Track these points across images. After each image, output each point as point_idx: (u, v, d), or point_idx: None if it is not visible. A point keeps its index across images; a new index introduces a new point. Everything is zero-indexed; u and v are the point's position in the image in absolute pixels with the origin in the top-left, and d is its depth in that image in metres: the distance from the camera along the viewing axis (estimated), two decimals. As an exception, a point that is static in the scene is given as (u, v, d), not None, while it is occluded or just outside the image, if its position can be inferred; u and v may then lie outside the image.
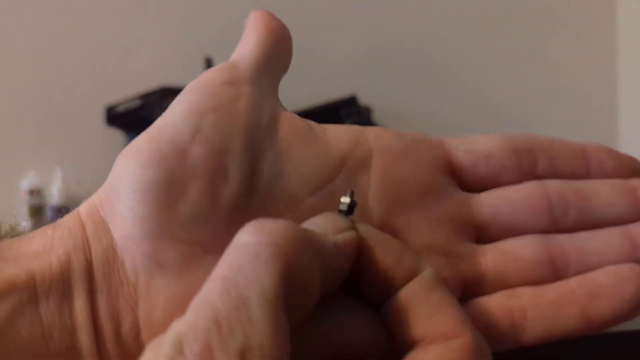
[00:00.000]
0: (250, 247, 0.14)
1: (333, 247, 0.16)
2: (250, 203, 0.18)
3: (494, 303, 0.19)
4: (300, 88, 0.77)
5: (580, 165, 0.21)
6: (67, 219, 0.18)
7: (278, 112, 0.20)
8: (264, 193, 0.18)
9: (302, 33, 0.84)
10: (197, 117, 0.18)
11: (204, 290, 0.14)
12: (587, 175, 0.21)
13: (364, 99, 0.80)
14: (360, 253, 0.17)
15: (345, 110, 0.76)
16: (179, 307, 0.16)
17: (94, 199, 0.18)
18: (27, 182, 0.80)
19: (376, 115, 0.82)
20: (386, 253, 0.17)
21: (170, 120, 0.18)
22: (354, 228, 0.17)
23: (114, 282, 0.17)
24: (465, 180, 0.21)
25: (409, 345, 0.16)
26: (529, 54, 0.91)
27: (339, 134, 0.20)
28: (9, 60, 0.85)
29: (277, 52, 0.21)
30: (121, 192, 0.17)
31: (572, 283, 0.19)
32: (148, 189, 0.17)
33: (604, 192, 0.20)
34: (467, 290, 0.19)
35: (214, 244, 0.17)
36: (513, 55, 0.91)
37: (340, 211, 0.18)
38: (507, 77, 0.91)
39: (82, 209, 0.18)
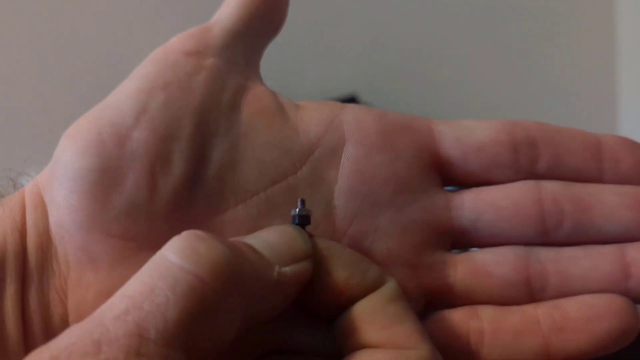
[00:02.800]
0: (170, 270, 0.13)
1: (273, 285, 0.14)
2: (194, 196, 0.16)
3: (454, 320, 0.17)
4: (300, 87, 0.77)
5: (591, 163, 0.18)
6: (11, 198, 0.16)
7: (246, 88, 0.17)
8: (211, 185, 0.16)
9: (301, 32, 0.84)
10: (144, 95, 0.16)
11: (106, 304, 0.12)
12: (598, 175, 0.18)
13: (364, 99, 0.79)
14: (318, 274, 0.15)
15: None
16: None
17: (39, 178, 0.16)
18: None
19: (376, 115, 0.82)
20: (349, 274, 0.15)
21: (117, 99, 0.16)
22: (312, 254, 0.15)
23: (45, 271, 0.16)
24: (453, 175, 0.18)
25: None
26: (529, 53, 0.90)
27: (310, 116, 0.18)
28: (9, 60, 0.85)
29: (264, 14, 0.19)
30: (58, 177, 0.16)
31: (540, 310, 0.17)
32: (82, 178, 0.15)
33: (610, 203, 0.17)
34: (431, 302, 0.17)
35: (150, 239, 0.15)
36: (514, 54, 0.91)
37: (294, 222, 0.16)
38: (508, 77, 0.91)
39: (28, 188, 0.16)
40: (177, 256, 0.13)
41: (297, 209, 0.16)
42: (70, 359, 0.11)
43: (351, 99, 0.78)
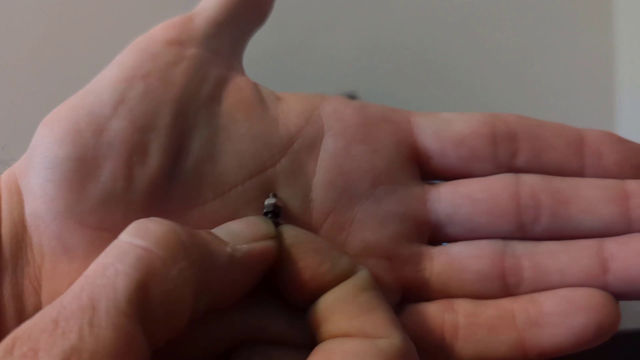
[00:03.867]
0: (121, 247, 0.13)
1: (226, 259, 0.14)
2: (170, 188, 0.16)
3: (429, 313, 0.17)
4: (299, 87, 0.77)
5: (573, 158, 0.18)
6: None
7: (228, 79, 0.17)
8: (189, 177, 0.16)
9: (300, 31, 0.84)
10: (124, 85, 0.16)
11: (70, 288, 0.13)
12: (580, 170, 0.18)
13: (363, 99, 0.79)
14: (286, 261, 0.15)
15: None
16: None
17: (16, 166, 0.16)
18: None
19: (376, 115, 0.82)
20: (318, 258, 0.15)
21: (96, 88, 0.16)
22: (275, 235, 0.15)
23: (20, 261, 0.15)
24: (432, 168, 0.18)
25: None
26: (528, 52, 0.90)
27: (291, 108, 0.17)
28: (9, 60, 0.85)
29: (248, 4, 0.18)
30: (34, 165, 0.16)
31: (516, 305, 0.17)
32: (58, 167, 0.15)
33: (590, 197, 0.17)
34: (407, 295, 0.17)
35: None
36: (513, 54, 0.91)
37: (265, 214, 0.16)
38: (507, 76, 0.91)
39: (4, 176, 0.16)
40: (128, 235, 0.13)
41: (266, 201, 0.16)
42: (30, 336, 0.12)
43: (350, 99, 0.78)
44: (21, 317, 0.15)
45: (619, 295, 0.17)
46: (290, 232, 0.16)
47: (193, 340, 0.15)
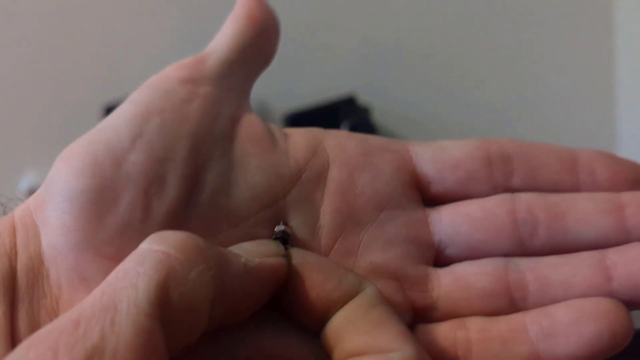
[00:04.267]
0: (140, 253, 0.14)
1: (241, 268, 0.15)
2: (187, 218, 0.16)
3: (440, 332, 0.17)
4: (298, 88, 0.77)
5: (567, 176, 0.18)
6: (0, 222, 0.17)
7: (239, 116, 0.18)
8: (205, 208, 0.17)
9: (299, 32, 0.84)
10: (141, 119, 0.17)
11: (90, 294, 0.13)
12: (574, 187, 0.18)
13: (362, 99, 0.80)
14: (294, 280, 0.16)
15: (344, 111, 0.76)
16: None
17: (30, 202, 0.17)
18: (26, 182, 0.80)
19: (376, 116, 0.82)
20: (323, 278, 0.16)
21: (113, 122, 0.17)
22: (284, 255, 0.16)
23: (36, 292, 0.16)
24: (432, 193, 0.19)
25: None
26: (527, 53, 0.91)
27: (298, 142, 0.18)
28: (9, 60, 0.85)
29: (257, 45, 0.19)
30: (52, 198, 0.16)
31: (527, 317, 0.17)
32: (77, 199, 0.16)
33: (585, 209, 0.17)
34: (417, 316, 0.17)
35: None
36: (513, 54, 0.91)
37: (275, 239, 0.17)
38: (506, 76, 0.91)
39: (17, 212, 0.17)
40: (147, 243, 0.14)
41: (277, 227, 0.17)
42: (48, 336, 0.12)
43: (350, 99, 0.78)
44: None
45: (626, 303, 0.17)
46: (297, 254, 0.16)
47: (201, 356, 0.15)
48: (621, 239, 0.17)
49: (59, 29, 0.86)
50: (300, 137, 0.19)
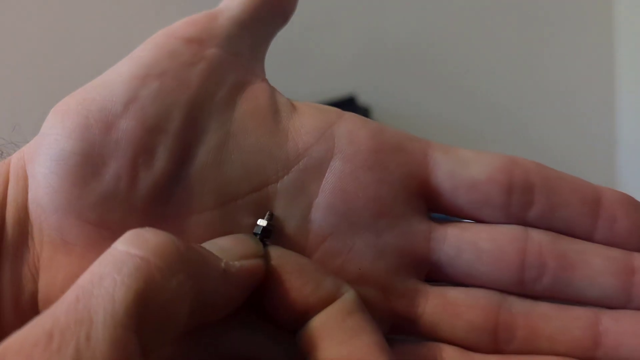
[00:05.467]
0: (117, 257, 0.13)
1: (220, 274, 0.14)
2: (173, 191, 0.16)
3: (417, 356, 0.16)
4: (298, 88, 0.77)
5: (586, 219, 0.17)
6: None
7: (245, 84, 0.17)
8: (192, 182, 0.16)
9: (300, 32, 0.84)
10: (138, 83, 0.16)
11: (60, 298, 0.12)
12: (590, 232, 0.17)
13: (362, 99, 0.79)
14: (272, 282, 0.15)
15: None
16: None
17: (26, 150, 0.16)
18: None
19: (376, 116, 0.82)
20: (301, 282, 0.15)
21: (110, 81, 0.16)
22: (263, 255, 0.15)
23: (21, 246, 0.15)
24: (442, 205, 0.18)
25: None
26: (527, 53, 0.91)
27: (303, 123, 0.17)
28: (9, 60, 0.85)
29: (272, 2, 0.18)
30: (41, 154, 0.15)
31: None
32: (65, 160, 0.15)
33: (595, 266, 0.17)
34: (396, 327, 0.17)
35: (126, 229, 0.15)
36: (513, 54, 0.91)
37: (255, 233, 0.16)
38: (506, 76, 0.91)
39: (14, 158, 0.16)
40: (124, 245, 0.13)
41: (260, 221, 0.16)
42: (22, 349, 0.11)
43: (350, 99, 0.78)
44: (18, 302, 0.15)
45: None
46: (275, 253, 0.16)
47: (178, 356, 0.15)
48: (622, 303, 0.17)
49: (60, 29, 0.86)
50: (308, 118, 0.17)
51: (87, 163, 0.15)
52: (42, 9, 0.80)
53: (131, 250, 0.13)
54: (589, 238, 0.17)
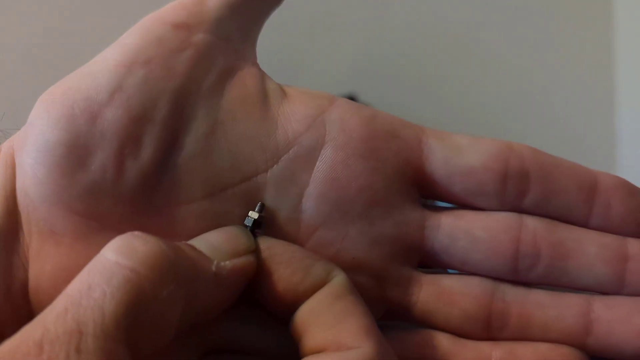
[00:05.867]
0: (106, 266, 0.13)
1: (211, 278, 0.14)
2: (161, 182, 0.15)
3: (409, 345, 0.16)
4: (299, 86, 0.77)
5: (581, 205, 0.17)
6: None
7: (234, 70, 0.17)
8: (180, 171, 0.15)
9: (300, 32, 0.84)
10: (123, 70, 0.15)
11: (49, 306, 0.12)
12: (585, 218, 0.17)
13: (362, 99, 0.79)
14: (262, 273, 0.15)
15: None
16: (66, 279, 0.14)
17: (15, 138, 0.16)
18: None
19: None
20: (291, 268, 0.15)
21: (96, 70, 0.16)
22: (255, 250, 0.15)
23: (11, 234, 0.15)
24: (436, 193, 0.17)
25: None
26: (527, 53, 0.91)
27: (293, 110, 0.17)
28: (9, 59, 0.85)
29: None
30: (28, 144, 0.15)
31: (495, 352, 0.16)
32: (50, 151, 0.15)
33: (589, 255, 0.17)
34: (390, 313, 0.17)
35: (114, 220, 0.15)
36: (513, 54, 0.91)
37: (246, 225, 0.16)
38: (506, 76, 0.91)
39: (4, 146, 0.16)
40: (113, 253, 0.13)
41: (251, 212, 0.16)
42: (13, 359, 0.11)
43: (350, 99, 0.78)
44: (9, 291, 0.15)
45: (595, 353, 0.17)
46: (265, 244, 0.15)
47: (168, 349, 0.15)
48: (615, 289, 0.17)
49: (61, 29, 0.86)
50: (299, 105, 0.17)
51: (73, 154, 0.15)
52: None
53: (120, 260, 0.13)
54: (584, 224, 0.17)
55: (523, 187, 0.17)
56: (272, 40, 0.18)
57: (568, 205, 0.17)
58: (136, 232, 0.14)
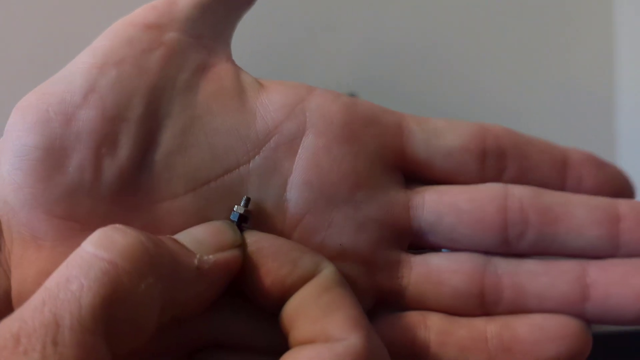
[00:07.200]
0: (85, 258, 0.13)
1: (193, 272, 0.14)
2: (140, 180, 0.15)
3: (402, 327, 0.16)
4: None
5: (556, 180, 0.17)
6: None
7: (208, 66, 0.17)
8: (159, 168, 0.15)
9: (300, 32, 0.84)
10: (96, 72, 0.15)
11: (30, 299, 0.12)
12: (561, 190, 0.17)
13: (363, 98, 0.79)
14: (249, 267, 0.15)
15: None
16: None
17: None
18: None
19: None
20: (279, 262, 0.15)
21: (69, 73, 0.16)
22: (241, 244, 0.15)
23: None
24: (418, 175, 0.17)
25: None
26: (528, 52, 0.91)
27: (272, 100, 0.17)
28: (9, 59, 0.85)
29: None
30: (6, 151, 0.15)
31: (490, 327, 0.16)
32: (27, 156, 0.15)
33: (579, 217, 0.16)
34: (381, 300, 0.17)
35: (95, 221, 0.15)
36: (513, 53, 0.91)
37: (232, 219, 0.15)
38: (507, 75, 0.91)
39: None
40: (92, 246, 0.13)
41: (236, 207, 0.16)
42: None
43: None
44: None
45: (594, 320, 0.16)
46: (252, 238, 0.15)
47: (152, 343, 0.15)
48: (609, 252, 0.17)
49: (61, 29, 0.86)
50: (277, 95, 0.17)
51: (49, 157, 0.15)
52: None
53: (99, 252, 0.13)
54: None
55: (501, 165, 0.17)
56: (272, 40, 0.18)
57: (543, 180, 0.17)
58: (117, 225, 0.14)
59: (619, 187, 0.18)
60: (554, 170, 0.18)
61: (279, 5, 0.77)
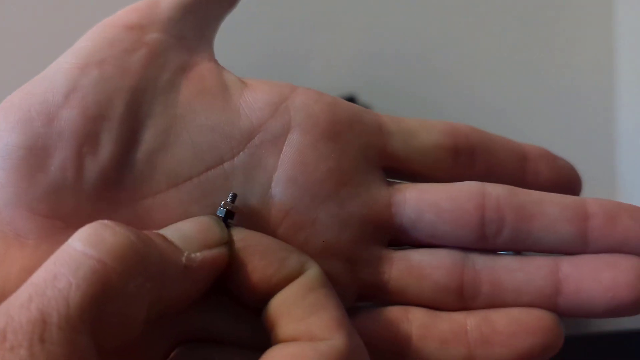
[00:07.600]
0: (73, 256, 0.13)
1: (181, 270, 0.14)
2: (122, 177, 0.16)
3: (384, 321, 0.17)
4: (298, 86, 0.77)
5: (517, 174, 0.18)
6: None
7: (189, 66, 0.17)
8: (141, 166, 0.16)
9: (300, 32, 0.84)
10: (78, 72, 0.16)
11: (14, 294, 0.12)
12: (521, 186, 0.18)
13: (362, 99, 0.79)
14: (236, 264, 0.15)
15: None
16: None
17: None
18: None
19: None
20: (265, 260, 0.15)
21: (50, 74, 0.16)
22: (227, 242, 0.15)
23: None
24: (399, 173, 0.18)
25: None
26: (527, 52, 0.91)
27: (256, 99, 0.17)
28: (9, 60, 0.85)
29: None
30: None
31: (469, 320, 0.17)
32: (10, 155, 0.15)
33: (551, 215, 0.17)
34: (363, 296, 0.17)
35: (78, 218, 0.15)
36: (513, 54, 0.91)
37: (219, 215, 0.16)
38: (506, 77, 0.91)
39: None
40: (81, 243, 0.13)
41: (223, 203, 0.16)
42: None
43: (350, 99, 0.78)
44: None
45: (566, 313, 0.17)
46: (238, 236, 0.16)
47: (137, 337, 0.15)
48: (580, 248, 0.17)
49: (62, 29, 0.86)
50: (261, 93, 0.17)
51: (32, 156, 0.15)
52: None
53: (87, 250, 0.13)
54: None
55: (471, 161, 0.18)
56: (272, 40, 0.19)
57: (506, 175, 0.18)
58: (106, 221, 0.14)
59: (569, 179, 0.19)
60: (515, 165, 0.19)
61: (279, 6, 0.77)
